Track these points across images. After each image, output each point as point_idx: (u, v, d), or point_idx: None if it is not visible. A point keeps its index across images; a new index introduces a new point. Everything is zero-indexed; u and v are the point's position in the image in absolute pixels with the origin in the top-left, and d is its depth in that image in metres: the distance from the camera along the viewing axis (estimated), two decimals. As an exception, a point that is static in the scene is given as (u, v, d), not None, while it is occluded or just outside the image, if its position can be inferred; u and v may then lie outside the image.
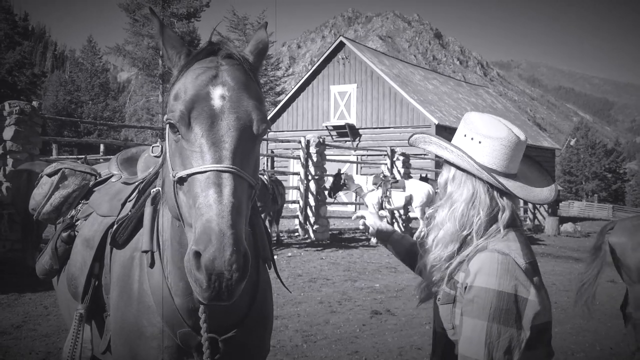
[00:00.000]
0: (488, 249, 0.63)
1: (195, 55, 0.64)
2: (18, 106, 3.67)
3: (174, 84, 0.63)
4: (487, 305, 0.60)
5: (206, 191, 0.55)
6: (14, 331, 2.27)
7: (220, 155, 0.57)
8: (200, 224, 0.53)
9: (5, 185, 3.59)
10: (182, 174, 0.59)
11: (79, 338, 0.83)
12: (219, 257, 0.50)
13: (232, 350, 0.73)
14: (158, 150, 0.89)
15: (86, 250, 0.89)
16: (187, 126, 0.59)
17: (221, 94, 0.60)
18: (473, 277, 0.62)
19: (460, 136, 0.69)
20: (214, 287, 0.51)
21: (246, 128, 0.60)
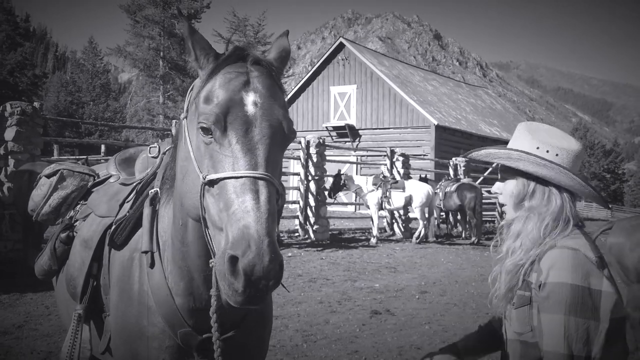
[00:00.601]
0: (557, 246, 0.65)
1: (224, 59, 0.64)
2: (19, 107, 3.70)
3: (203, 86, 0.63)
4: (562, 299, 0.61)
5: (242, 197, 0.55)
6: (16, 331, 2.28)
7: (256, 162, 0.58)
8: (236, 229, 0.54)
9: (7, 185, 3.60)
10: (214, 177, 0.59)
11: (77, 338, 0.84)
12: (258, 263, 0.52)
13: (232, 350, 0.73)
14: (155, 151, 0.91)
15: (85, 251, 0.89)
16: (222, 130, 0.59)
17: (254, 100, 0.61)
18: (546, 274, 0.63)
19: (530, 148, 0.70)
20: (249, 292, 0.52)
21: (277, 136, 0.61)
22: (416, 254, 5.31)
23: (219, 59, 0.64)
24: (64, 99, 20.07)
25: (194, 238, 0.69)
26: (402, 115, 11.11)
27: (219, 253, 0.55)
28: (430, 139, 10.47)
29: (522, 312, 0.67)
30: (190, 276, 0.72)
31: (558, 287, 0.62)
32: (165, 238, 0.75)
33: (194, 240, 0.69)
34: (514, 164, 0.71)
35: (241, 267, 0.52)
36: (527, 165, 0.69)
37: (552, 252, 0.65)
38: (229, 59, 0.64)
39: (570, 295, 0.61)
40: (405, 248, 5.75)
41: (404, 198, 6.16)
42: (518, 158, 0.70)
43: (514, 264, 0.68)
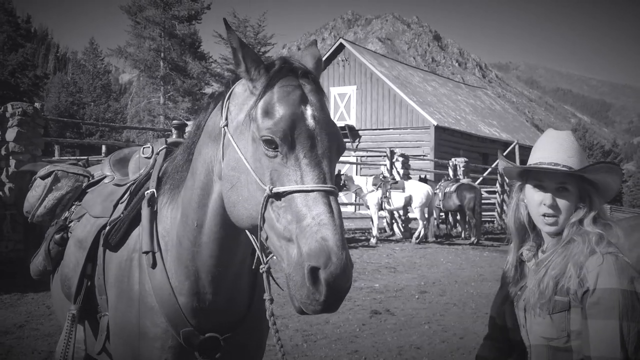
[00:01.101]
0: (599, 252, 0.66)
1: (277, 72, 0.65)
2: (21, 108, 3.71)
3: (259, 99, 0.64)
4: (614, 305, 0.62)
5: (316, 210, 0.57)
6: (17, 330, 2.30)
7: (324, 176, 0.60)
8: (314, 241, 0.55)
9: (8, 186, 3.62)
10: (282, 190, 0.60)
11: (71, 338, 0.83)
12: (341, 275, 0.54)
13: (233, 349, 0.74)
14: (149, 152, 0.91)
15: (79, 251, 0.89)
16: (290, 145, 0.61)
17: (312, 114, 0.63)
18: (594, 280, 0.64)
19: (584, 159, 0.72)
20: (329, 300, 0.55)
21: (335, 149, 0.64)
22: (416, 254, 5.34)
23: (271, 72, 0.65)
24: (65, 99, 20.10)
25: (209, 239, 0.70)
26: (401, 115, 11.16)
27: (293, 264, 0.57)
28: (429, 140, 10.51)
29: (558, 318, 0.67)
30: (197, 276, 0.72)
31: (609, 293, 0.63)
32: (168, 238, 0.76)
33: (208, 241, 0.70)
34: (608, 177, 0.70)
35: (323, 277, 0.54)
36: (612, 176, 0.70)
37: (595, 259, 0.65)
38: (281, 72, 0.65)
39: (622, 300, 0.62)
40: (405, 248, 5.79)
41: (403, 198, 6.20)
42: (612, 170, 0.70)
43: (559, 270, 0.67)
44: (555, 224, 0.72)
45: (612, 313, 0.63)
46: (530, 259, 0.76)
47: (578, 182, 0.72)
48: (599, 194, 0.72)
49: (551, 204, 0.71)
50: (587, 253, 0.67)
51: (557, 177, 0.72)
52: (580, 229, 0.70)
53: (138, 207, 0.81)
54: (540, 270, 0.70)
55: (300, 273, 0.56)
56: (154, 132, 9.64)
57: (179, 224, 0.74)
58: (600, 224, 0.70)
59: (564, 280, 0.67)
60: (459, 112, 12.88)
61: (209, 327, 0.72)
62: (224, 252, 0.71)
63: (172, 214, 0.77)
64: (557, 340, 0.67)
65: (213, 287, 0.72)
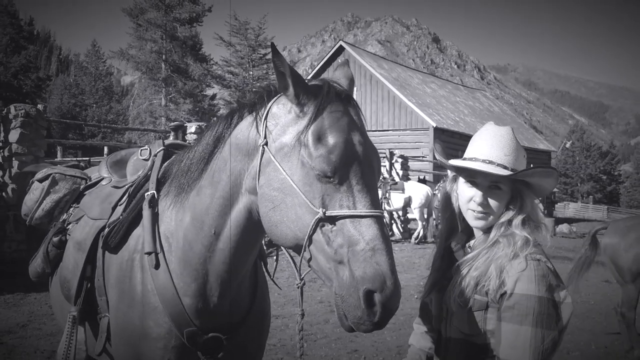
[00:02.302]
0: (521, 255, 0.65)
1: (325, 98, 0.66)
2: (23, 109, 3.77)
3: (309, 124, 0.65)
4: (529, 311, 0.62)
5: (369, 235, 0.59)
6: (20, 330, 2.34)
7: (373, 201, 0.62)
8: (369, 266, 0.58)
9: (11, 187, 3.68)
10: (335, 214, 0.61)
11: (72, 340, 0.84)
12: (395, 297, 0.58)
13: (234, 349, 0.75)
14: (146, 154, 0.91)
15: (78, 253, 0.89)
16: (343, 172, 0.62)
17: (359, 140, 0.65)
18: (512, 284, 0.64)
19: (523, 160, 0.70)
20: (382, 320, 0.58)
21: (378, 173, 0.67)
22: (415, 254, 5.37)
23: (320, 97, 0.66)
24: (68, 101, 20.16)
25: (226, 247, 0.72)
26: (400, 117, 11.29)
27: (346, 286, 0.59)
28: (428, 141, 10.55)
29: (475, 316, 0.67)
30: (205, 279, 0.73)
31: (525, 299, 0.63)
32: (172, 240, 0.76)
33: (224, 248, 0.72)
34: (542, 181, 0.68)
35: (379, 300, 0.57)
36: (548, 179, 0.68)
37: (517, 263, 0.65)
38: (329, 97, 0.66)
39: (537, 307, 0.62)
40: (404, 248, 5.83)
41: (403, 199, 6.26)
42: (549, 174, 0.69)
43: (481, 271, 0.67)
44: (484, 220, 0.71)
45: (525, 319, 0.62)
46: (458, 250, 0.76)
47: (511, 182, 0.69)
48: (533, 193, 0.70)
49: (481, 202, 0.70)
50: (511, 256, 0.66)
51: (490, 175, 0.70)
52: (508, 229, 0.68)
53: (138, 208, 0.81)
54: (463, 268, 0.70)
55: (355, 296, 0.58)
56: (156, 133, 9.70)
57: (188, 228, 0.74)
58: (529, 226, 0.69)
59: (484, 280, 0.67)
60: (457, 113, 13.00)
61: (212, 327, 0.73)
62: (238, 259, 0.73)
63: (177, 216, 0.77)
64: (476, 337, 0.68)
65: (220, 290, 0.74)
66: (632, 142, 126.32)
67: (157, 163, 0.87)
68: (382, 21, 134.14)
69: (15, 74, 17.53)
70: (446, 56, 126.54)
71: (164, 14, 16.25)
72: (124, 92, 25.10)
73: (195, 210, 0.74)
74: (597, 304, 3.29)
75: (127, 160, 1.00)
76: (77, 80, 22.35)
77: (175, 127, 4.46)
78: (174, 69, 16.48)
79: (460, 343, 0.70)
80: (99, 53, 23.65)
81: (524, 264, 0.65)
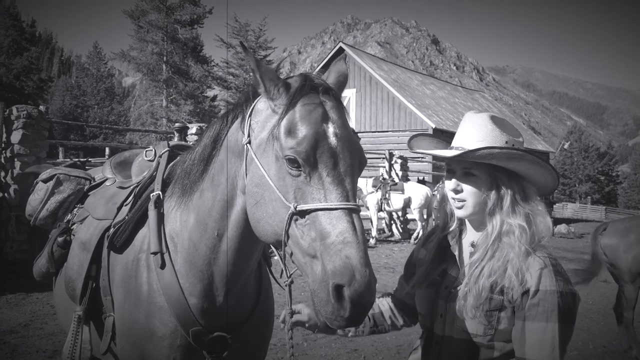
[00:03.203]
0: (536, 253, 0.65)
1: (298, 90, 0.64)
2: (25, 110, 3.77)
3: (282, 118, 0.63)
4: (554, 307, 0.62)
5: (339, 228, 0.57)
6: (22, 330, 2.34)
7: (347, 194, 0.60)
8: (338, 259, 0.56)
9: (13, 187, 3.64)
10: (306, 208, 0.59)
11: (78, 339, 0.84)
12: (365, 292, 0.55)
13: (239, 347, 0.76)
14: (151, 154, 0.91)
15: (83, 253, 0.90)
16: (312, 164, 0.60)
17: (334, 132, 0.62)
18: (534, 282, 0.63)
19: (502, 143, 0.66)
20: (353, 316, 0.55)
21: (357, 165, 0.64)
22: (415, 254, 5.49)
23: (291, 90, 0.65)
24: (69, 102, 20.21)
25: (229, 249, 0.72)
26: (400, 118, 11.33)
27: (318, 281, 0.57)
28: (428, 142, 10.76)
29: (489, 316, 0.66)
30: (211, 280, 0.74)
31: (549, 295, 0.62)
32: (178, 240, 0.76)
33: (227, 250, 0.72)
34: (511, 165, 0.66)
35: (348, 295, 0.55)
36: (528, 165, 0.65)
37: (535, 260, 0.65)
38: (302, 90, 0.64)
39: (561, 302, 0.62)
40: (404, 249, 5.85)
41: (402, 200, 6.30)
42: (520, 158, 0.65)
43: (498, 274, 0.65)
44: (464, 209, 0.70)
45: (551, 315, 0.62)
46: (454, 244, 0.75)
47: (487, 169, 0.67)
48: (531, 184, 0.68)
49: (454, 188, 0.70)
50: (523, 255, 0.65)
51: (462, 161, 0.68)
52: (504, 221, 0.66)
53: (144, 209, 0.81)
54: (474, 269, 0.67)
55: (325, 290, 0.56)
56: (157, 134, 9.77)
57: (192, 229, 0.75)
58: (519, 213, 0.66)
59: (502, 281, 0.65)
60: (456, 114, 12.98)
61: (217, 326, 0.73)
62: (241, 260, 0.73)
63: (182, 217, 0.77)
64: (482, 337, 0.66)
65: (225, 291, 0.74)
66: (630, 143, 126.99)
67: (162, 164, 0.88)
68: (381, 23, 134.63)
69: (17, 75, 17.68)
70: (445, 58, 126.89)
71: (165, 16, 16.33)
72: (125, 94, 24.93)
73: (199, 213, 0.75)
74: (595, 303, 3.29)
75: (131, 161, 1.02)
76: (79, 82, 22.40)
77: (180, 128, 4.51)
78: (175, 71, 16.56)
79: (462, 343, 0.68)
80: (101, 55, 23.71)
81: (540, 261, 0.65)
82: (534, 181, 0.69)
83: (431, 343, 0.73)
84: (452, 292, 0.71)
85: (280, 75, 0.69)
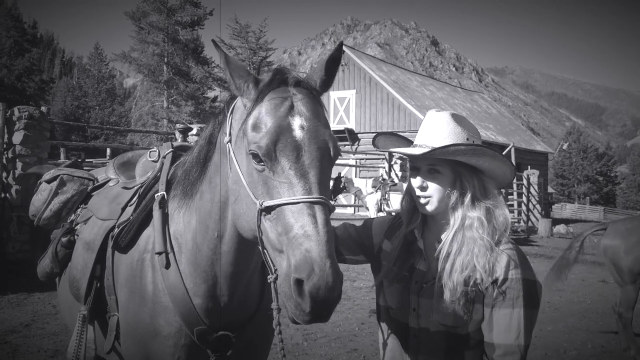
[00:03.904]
0: (502, 242, 0.68)
1: (267, 85, 0.64)
2: (27, 111, 3.82)
3: (249, 113, 0.63)
4: (519, 294, 0.65)
5: (301, 221, 0.56)
6: (23, 329, 2.36)
7: (310, 187, 0.59)
8: (298, 253, 0.55)
9: (15, 188, 3.70)
10: (271, 204, 0.59)
11: (82, 338, 0.85)
12: (323, 286, 0.53)
13: (243, 346, 0.76)
14: (155, 155, 0.92)
15: (87, 253, 0.90)
16: (273, 158, 0.60)
17: (300, 124, 0.61)
18: (500, 271, 0.66)
19: (463, 139, 0.69)
20: (315, 311, 0.54)
21: (325, 157, 0.62)
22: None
23: (260, 85, 0.64)
24: (71, 103, 20.22)
25: (230, 249, 0.72)
26: (399, 119, 11.37)
27: (282, 275, 0.57)
28: (427, 143, 10.72)
29: (463, 307, 0.68)
30: (214, 281, 0.74)
31: (514, 282, 0.66)
32: (182, 241, 0.77)
33: (228, 250, 0.72)
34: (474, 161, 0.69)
35: (307, 289, 0.54)
36: (489, 161, 0.68)
37: (499, 251, 0.68)
38: (271, 85, 0.64)
39: (525, 289, 0.66)
40: (404, 247, 5.96)
41: (402, 200, 6.45)
42: (483, 153, 0.68)
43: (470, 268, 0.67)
44: (428, 205, 0.71)
45: (517, 302, 0.65)
46: (419, 239, 0.76)
47: (451, 165, 0.70)
48: (492, 179, 0.71)
49: (420, 185, 0.71)
50: (489, 248, 0.67)
51: (426, 159, 0.70)
52: (459, 212, 0.69)
53: (148, 209, 0.82)
54: (446, 263, 0.69)
55: (287, 285, 0.56)
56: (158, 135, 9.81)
57: (195, 231, 0.75)
58: (479, 207, 0.69)
59: (473, 274, 0.67)
60: (455, 116, 13.22)
61: (221, 326, 0.74)
62: (242, 260, 0.73)
63: (185, 218, 0.77)
64: (460, 328, 0.69)
65: (229, 291, 0.74)
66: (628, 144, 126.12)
67: (166, 165, 0.88)
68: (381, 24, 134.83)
69: (19, 76, 17.71)
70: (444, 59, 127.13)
71: (166, 17, 16.40)
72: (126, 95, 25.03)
73: (200, 214, 0.75)
74: (593, 303, 3.32)
75: (134, 162, 1.03)
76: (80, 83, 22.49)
77: (183, 129, 4.56)
78: (176, 72, 16.60)
79: (440, 335, 0.70)
80: (102, 56, 23.83)
81: (504, 250, 0.68)
82: (494, 175, 0.72)
83: (408, 336, 0.74)
84: (423, 287, 0.72)
85: None
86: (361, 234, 0.83)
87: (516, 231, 8.67)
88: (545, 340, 2.55)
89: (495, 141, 12.81)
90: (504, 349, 0.66)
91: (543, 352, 2.36)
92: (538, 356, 2.30)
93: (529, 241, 7.88)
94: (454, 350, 0.70)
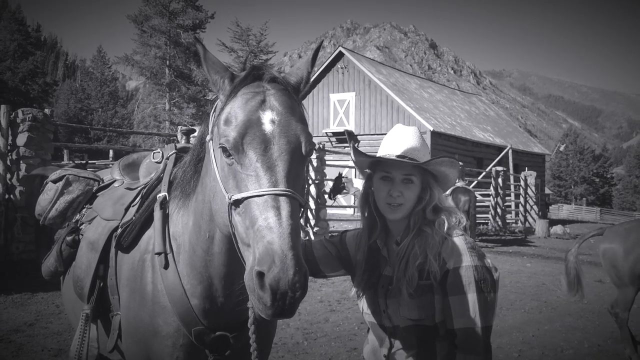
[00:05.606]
0: (451, 235, 0.74)
1: (241, 80, 0.64)
2: (31, 113, 3.81)
3: (222, 109, 0.63)
4: (470, 280, 0.69)
5: (265, 214, 0.56)
6: (27, 329, 2.35)
7: (276, 179, 0.58)
8: (261, 246, 0.54)
9: (19, 189, 3.63)
10: (238, 197, 0.59)
11: (85, 337, 0.86)
12: (283, 277, 0.52)
13: (241, 347, 0.75)
14: (159, 156, 0.93)
15: (91, 253, 0.91)
16: (241, 151, 0.60)
17: (271, 118, 0.61)
18: (450, 261, 0.71)
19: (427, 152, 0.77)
20: (277, 305, 0.53)
21: (296, 151, 0.61)
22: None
23: (235, 80, 0.64)
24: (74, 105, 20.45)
25: (221, 250, 0.71)
26: (398, 121, 11.43)
27: (247, 269, 0.57)
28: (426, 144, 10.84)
29: (424, 300, 0.72)
30: (209, 281, 0.74)
31: (464, 270, 0.70)
32: (180, 242, 0.77)
33: (220, 251, 0.72)
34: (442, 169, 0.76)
35: (267, 282, 0.53)
36: (450, 168, 0.76)
37: (449, 243, 0.73)
38: (245, 80, 0.64)
39: (476, 275, 0.69)
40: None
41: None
42: (450, 163, 0.76)
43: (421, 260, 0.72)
44: (400, 212, 0.76)
45: (469, 287, 0.69)
46: (383, 247, 0.79)
47: (422, 174, 0.77)
48: (439, 185, 0.79)
49: (398, 194, 0.75)
50: (441, 240, 0.73)
51: (404, 168, 0.75)
52: (424, 218, 0.76)
53: (150, 209, 0.82)
54: (400, 262, 0.74)
55: (250, 277, 0.55)
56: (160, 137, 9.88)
57: (191, 231, 0.75)
58: (440, 211, 0.77)
59: (426, 266, 0.72)
60: (454, 117, 13.15)
61: (220, 325, 0.74)
62: (234, 261, 0.69)
63: (183, 219, 0.78)
64: (426, 320, 0.73)
65: (225, 292, 0.73)
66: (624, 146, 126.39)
67: (169, 166, 0.89)
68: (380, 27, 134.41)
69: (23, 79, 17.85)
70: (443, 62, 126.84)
71: (168, 20, 16.55)
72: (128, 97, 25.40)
73: (195, 215, 0.75)
74: (590, 303, 3.28)
75: (139, 163, 1.03)
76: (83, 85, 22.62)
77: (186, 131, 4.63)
78: (178, 74, 16.74)
79: (411, 329, 0.74)
80: (105, 59, 23.96)
81: (454, 241, 0.73)
82: (447, 180, 0.81)
83: (385, 334, 0.79)
84: (389, 290, 0.77)
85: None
86: (339, 248, 0.87)
87: (514, 232, 8.81)
88: (542, 339, 2.55)
89: (493, 143, 12.94)
90: (463, 334, 0.70)
91: (540, 351, 2.37)
92: (535, 355, 2.31)
93: (527, 242, 7.92)
94: (425, 342, 0.74)
